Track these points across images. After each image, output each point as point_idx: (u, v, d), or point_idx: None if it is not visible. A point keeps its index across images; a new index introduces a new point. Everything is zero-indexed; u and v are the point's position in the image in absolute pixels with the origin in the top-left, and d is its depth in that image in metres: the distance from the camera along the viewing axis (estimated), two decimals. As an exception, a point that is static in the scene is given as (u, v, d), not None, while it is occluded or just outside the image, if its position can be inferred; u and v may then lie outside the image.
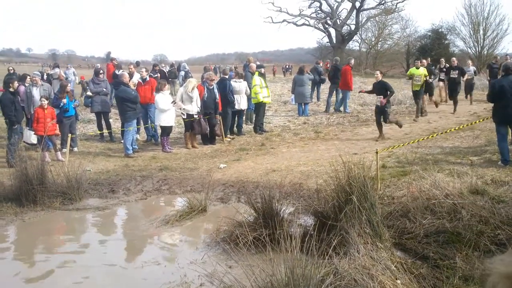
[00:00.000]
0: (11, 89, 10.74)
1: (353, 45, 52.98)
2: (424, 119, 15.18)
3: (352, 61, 18.92)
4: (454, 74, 16.74)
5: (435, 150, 10.50)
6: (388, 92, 11.84)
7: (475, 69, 19.79)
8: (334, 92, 18.22)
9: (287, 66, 53.12)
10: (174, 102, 11.68)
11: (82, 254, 6.30)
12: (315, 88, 20.84)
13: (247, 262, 4.53)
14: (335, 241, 4.82)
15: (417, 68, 15.60)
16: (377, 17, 49.20)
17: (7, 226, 7.34)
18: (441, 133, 11.35)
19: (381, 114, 12.01)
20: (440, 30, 45.43)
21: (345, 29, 49.28)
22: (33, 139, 11.38)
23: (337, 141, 12.12)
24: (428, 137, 10.39)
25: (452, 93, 16.86)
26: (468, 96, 18.87)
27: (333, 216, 5.68)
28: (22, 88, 12.45)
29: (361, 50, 51.84)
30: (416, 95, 15.48)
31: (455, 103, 16.55)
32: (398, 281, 4.54)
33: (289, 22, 49.28)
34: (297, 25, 49.63)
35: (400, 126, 12.52)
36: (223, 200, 8.18)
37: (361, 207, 5.46)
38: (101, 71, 13.72)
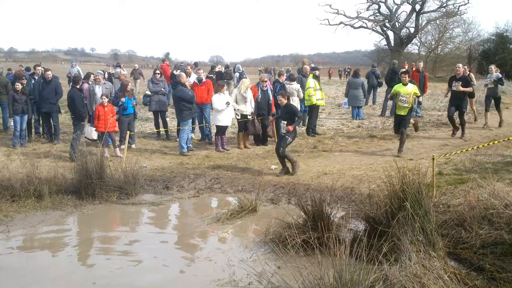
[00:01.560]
0: (77, 86, 11.31)
1: (412, 48, 51.79)
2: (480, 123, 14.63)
3: (421, 64, 17.93)
4: (456, 85, 12.60)
5: (495, 158, 10.10)
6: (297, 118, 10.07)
7: (499, 75, 14.57)
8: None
9: (346, 69, 52.36)
10: (228, 103, 11.83)
11: (134, 247, 6.51)
12: (372, 92, 20.52)
13: (295, 264, 4.55)
14: (385, 247, 4.74)
15: (404, 84, 10.86)
16: (437, 20, 47.83)
17: (67, 217, 7.68)
18: (502, 141, 10.90)
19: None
20: (505, 34, 43.58)
21: (404, 32, 48.20)
22: (94, 135, 11.87)
23: (392, 146, 11.89)
24: (488, 144, 10.01)
25: (449, 109, 12.96)
26: (488, 111, 14.58)
27: (385, 222, 5.59)
28: (85, 86, 12.99)
29: (420, 54, 50.54)
30: (400, 122, 11.00)
31: (462, 125, 12.84)
32: (451, 292, 4.42)
33: (346, 25, 48.70)
34: (354, 28, 48.99)
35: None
36: (273, 201, 8.22)
37: (414, 214, 5.34)
38: (158, 71, 14.07)
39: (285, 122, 9.82)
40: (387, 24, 47.73)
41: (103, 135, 11.06)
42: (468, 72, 14.90)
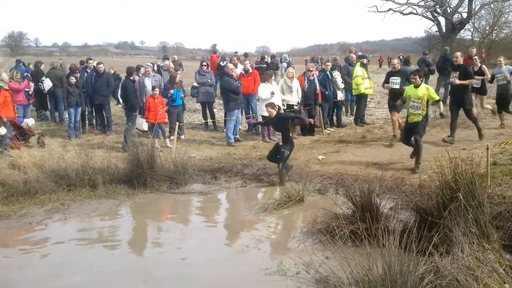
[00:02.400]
0: (131, 78, 11.63)
1: (465, 34, 49.80)
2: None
3: (474, 50, 17.19)
4: (454, 77, 10.90)
5: (554, 148, 9.64)
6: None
7: (511, 68, 11.93)
8: (442, 83, 17.30)
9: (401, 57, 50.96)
10: (272, 92, 11.79)
11: (184, 234, 6.66)
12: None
13: (343, 254, 4.53)
14: (436, 238, 4.65)
15: (416, 86, 9.04)
16: (492, 4, 45.81)
17: (120, 206, 7.94)
18: None
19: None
20: None
21: (455, 17, 46.39)
22: (145, 126, 12.17)
23: (444, 135, 11.56)
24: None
25: (450, 108, 11.08)
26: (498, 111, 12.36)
27: (436, 213, 5.48)
28: (136, 78, 13.31)
29: (473, 40, 48.63)
30: (413, 129, 9.01)
31: (474, 123, 11.09)
32: (507, 285, 4.29)
33: (395, 11, 47.40)
34: (403, 14, 47.62)
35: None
36: (321, 191, 8.19)
37: (467, 205, 5.21)
38: (204, 63, 14.22)
39: (280, 134, 9.09)
40: (438, 10, 46.12)
41: (153, 126, 11.32)
42: (478, 64, 12.58)
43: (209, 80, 13.66)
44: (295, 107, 12.18)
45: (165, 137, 11.88)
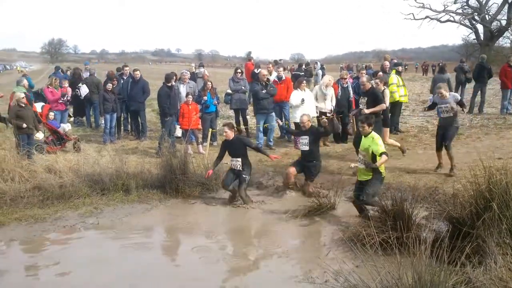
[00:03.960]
0: (168, 84, 11.83)
1: (503, 41, 48.55)
2: None
3: None
4: (362, 103, 10.14)
5: None
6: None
7: (457, 96, 9.56)
8: (479, 92, 16.93)
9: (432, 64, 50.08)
10: (303, 99, 11.75)
11: (214, 242, 6.69)
12: (459, 88, 19.59)
13: (373, 263, 4.47)
14: (469, 249, 4.54)
15: (364, 135, 7.44)
16: (532, 12, 44.52)
17: (152, 210, 8.07)
18: None
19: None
20: None
21: (494, 25, 45.27)
22: (178, 132, 12.33)
23: (479, 144, 11.28)
24: None
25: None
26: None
27: (469, 223, 5.36)
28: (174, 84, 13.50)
29: (512, 47, 47.35)
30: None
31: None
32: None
33: (432, 19, 46.68)
34: (440, 22, 46.84)
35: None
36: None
37: (502, 216, 5.08)
38: (239, 70, 14.32)
39: (239, 160, 8.40)
40: (476, 17, 45.16)
41: (187, 132, 11.46)
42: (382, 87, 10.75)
43: (243, 87, 13.74)
44: (328, 115, 12.12)
45: (198, 143, 12.01)
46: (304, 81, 12.52)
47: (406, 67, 32.98)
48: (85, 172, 9.08)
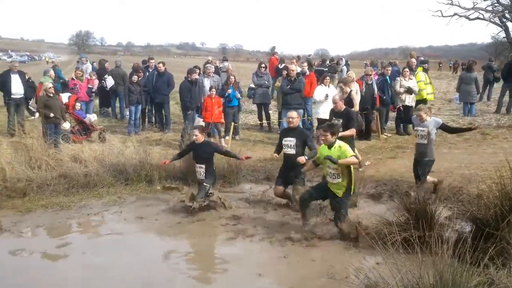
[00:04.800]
0: (189, 78, 11.94)
1: (535, 40, 47.45)
2: None
3: None
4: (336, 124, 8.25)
5: None
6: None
7: (439, 121, 8.04)
8: (507, 91, 16.61)
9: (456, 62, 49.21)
10: (327, 95, 11.68)
11: (234, 234, 6.69)
12: (487, 87, 19.26)
13: (394, 261, 4.45)
14: (492, 250, 4.48)
15: (329, 145, 6.66)
16: None
17: (174, 201, 8.11)
18: None
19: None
20: None
21: (526, 23, 44.34)
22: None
23: (506, 145, 11.09)
24: None
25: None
26: None
27: (494, 224, 5.28)
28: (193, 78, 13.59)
29: (544, 46, 46.23)
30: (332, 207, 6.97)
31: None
32: None
33: (460, 16, 45.87)
34: (469, 19, 45.99)
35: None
36: (374, 197, 8.07)
37: (527, 218, 4.98)
38: (263, 65, 14.32)
39: (203, 166, 7.82)
40: (507, 15, 44.23)
41: (209, 125, 11.52)
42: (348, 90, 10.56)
43: (266, 82, 13.76)
44: (351, 111, 12.05)
45: (220, 137, 12.07)
46: (328, 77, 12.47)
47: (429, 65, 32.41)
48: (110, 162, 9.22)
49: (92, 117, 13.07)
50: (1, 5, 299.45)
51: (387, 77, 13.13)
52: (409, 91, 12.74)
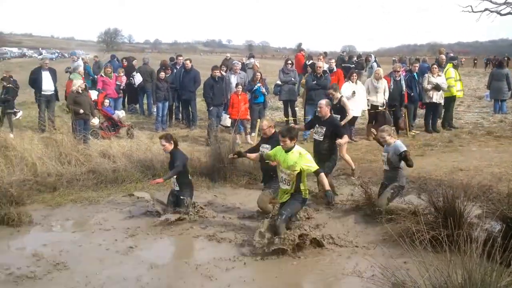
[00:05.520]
0: (213, 75, 12.04)
1: None
2: None
3: None
4: (319, 132, 8.20)
5: None
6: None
7: (399, 148, 7.03)
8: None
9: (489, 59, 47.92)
10: (354, 92, 11.58)
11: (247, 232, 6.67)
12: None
13: (422, 259, 4.40)
14: (523, 250, 4.38)
15: (286, 150, 6.31)
16: None
17: (200, 197, 8.18)
18: None
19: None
20: None
21: (561, 17, 43.03)
22: (228, 122, 12.48)
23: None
24: None
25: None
26: None
27: (525, 224, 5.16)
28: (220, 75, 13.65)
29: None
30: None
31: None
32: None
33: (491, 11, 44.76)
34: (501, 15, 44.80)
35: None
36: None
37: (560, 218, 4.85)
38: (290, 61, 14.28)
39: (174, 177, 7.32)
40: (541, 10, 43.01)
41: (235, 122, 11.56)
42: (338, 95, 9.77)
43: (293, 79, 13.71)
44: (379, 108, 11.93)
45: (246, 133, 12.11)
46: (355, 73, 12.36)
47: (462, 62, 31.69)
48: (138, 158, 9.35)
49: (120, 114, 13.26)
50: (33, 4, 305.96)
51: (415, 74, 12.95)
52: (437, 87, 12.54)
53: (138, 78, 15.44)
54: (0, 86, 12.91)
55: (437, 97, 12.69)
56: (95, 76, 16.20)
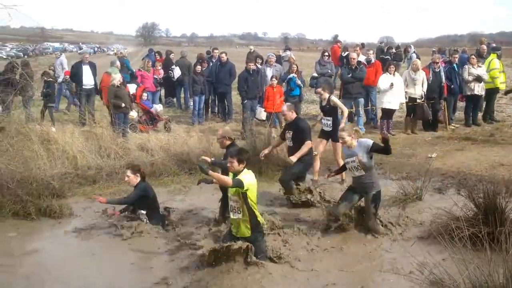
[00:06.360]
0: (248, 68, 12.09)
1: None
2: None
3: None
4: (288, 138, 8.01)
5: None
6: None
7: (367, 144, 6.30)
8: None
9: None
10: (392, 84, 11.37)
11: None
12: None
13: (461, 257, 4.31)
14: None
15: (234, 173, 5.58)
16: None
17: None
18: None
19: None
20: None
21: None
22: (263, 115, 12.47)
23: None
24: None
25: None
26: None
27: None
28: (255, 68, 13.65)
29: None
30: None
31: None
32: None
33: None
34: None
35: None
36: (441, 190, 7.83)
37: None
38: (326, 53, 14.14)
39: (143, 212, 6.67)
40: None
41: (271, 115, 11.56)
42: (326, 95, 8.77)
43: (329, 71, 13.59)
44: (418, 101, 11.70)
45: (281, 127, 12.07)
46: (393, 65, 12.13)
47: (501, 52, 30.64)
48: (175, 151, 9.48)
49: (158, 107, 13.45)
50: (75, 1, 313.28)
51: (455, 65, 12.61)
52: (478, 79, 12.18)
53: (177, 72, 15.58)
54: (41, 81, 13.26)
55: (479, 89, 12.33)
56: (134, 70, 16.45)
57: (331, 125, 8.59)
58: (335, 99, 8.80)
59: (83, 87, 13.22)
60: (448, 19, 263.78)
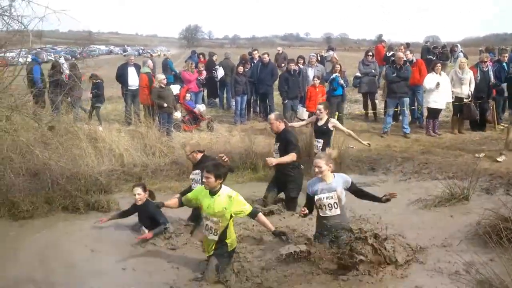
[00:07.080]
0: (288, 69, 12.15)
1: None
2: None
3: None
4: (274, 150, 7.86)
5: None
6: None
7: (346, 180, 5.64)
8: None
9: None
10: (438, 83, 11.12)
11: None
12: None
13: (510, 257, 4.19)
14: None
15: (212, 192, 5.17)
16: None
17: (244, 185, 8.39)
18: None
19: None
20: None
21: None
22: (305, 115, 12.44)
23: None
24: None
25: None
26: None
27: None
28: (296, 68, 13.66)
29: None
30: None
31: None
32: None
33: None
34: None
35: None
36: (488, 190, 7.61)
37: None
38: (370, 53, 13.99)
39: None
40: None
41: (313, 115, 11.50)
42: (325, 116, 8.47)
43: (373, 70, 13.45)
44: (465, 100, 11.40)
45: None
46: (439, 64, 11.86)
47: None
48: (217, 150, 9.56)
49: (201, 107, 13.65)
50: (119, 4, 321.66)
51: (504, 64, 12.20)
52: None
53: (220, 72, 15.76)
54: (89, 82, 13.68)
55: None
56: (177, 71, 16.74)
57: (320, 148, 8.17)
58: (335, 122, 8.56)
59: (129, 87, 13.54)
60: (496, 18, 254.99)
